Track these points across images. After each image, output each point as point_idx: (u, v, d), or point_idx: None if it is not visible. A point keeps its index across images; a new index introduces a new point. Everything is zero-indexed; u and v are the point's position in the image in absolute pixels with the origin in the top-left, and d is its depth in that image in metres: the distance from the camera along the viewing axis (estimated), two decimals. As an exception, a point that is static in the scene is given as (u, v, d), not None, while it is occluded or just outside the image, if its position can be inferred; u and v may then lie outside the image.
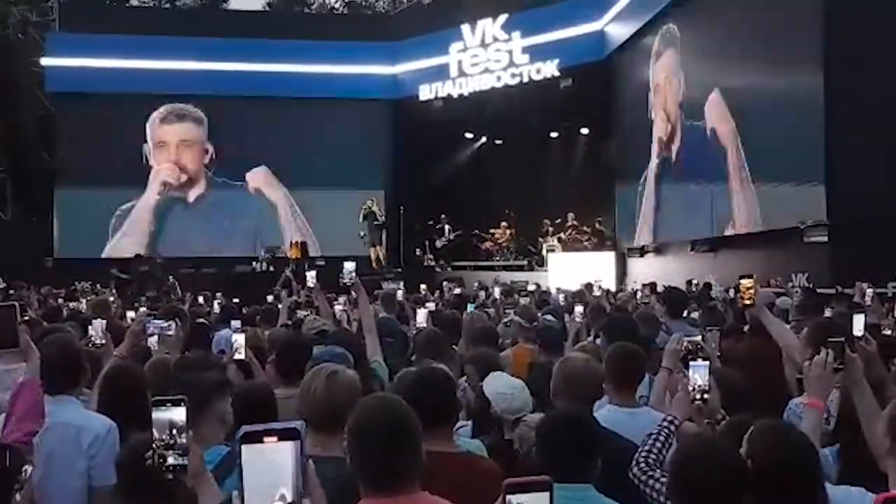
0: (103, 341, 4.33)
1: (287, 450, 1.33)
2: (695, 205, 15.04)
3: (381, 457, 2.13)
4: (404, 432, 2.19)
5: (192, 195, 22.24)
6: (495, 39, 20.76)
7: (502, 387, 3.57)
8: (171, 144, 22.18)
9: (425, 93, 21.77)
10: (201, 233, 20.99)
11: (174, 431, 1.99)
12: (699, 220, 14.84)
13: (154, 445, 2.00)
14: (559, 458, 2.59)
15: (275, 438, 1.32)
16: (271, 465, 1.32)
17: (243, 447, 1.32)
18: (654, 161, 17.09)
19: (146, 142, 21.96)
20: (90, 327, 4.44)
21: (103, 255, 20.71)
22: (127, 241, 21.21)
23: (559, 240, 19.37)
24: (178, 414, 2.01)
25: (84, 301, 9.54)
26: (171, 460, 1.99)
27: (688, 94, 15.53)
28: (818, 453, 2.34)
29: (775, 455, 2.25)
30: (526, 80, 20.14)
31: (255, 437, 1.32)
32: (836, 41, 10.83)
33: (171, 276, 13.82)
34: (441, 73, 21.63)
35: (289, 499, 1.30)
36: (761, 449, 2.28)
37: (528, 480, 1.51)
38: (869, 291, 7.02)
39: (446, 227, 20.51)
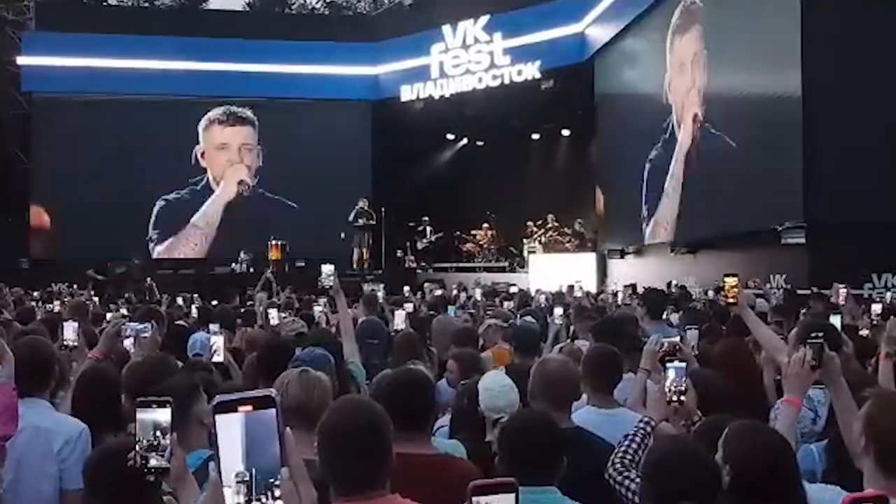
0: (76, 343, 4.28)
1: (262, 418, 1.28)
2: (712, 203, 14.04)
3: (351, 460, 2.11)
4: (375, 435, 2.18)
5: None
6: (476, 41, 20.80)
7: (490, 383, 3.56)
8: (234, 147, 22.25)
9: (407, 94, 21.77)
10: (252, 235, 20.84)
11: (158, 433, 1.96)
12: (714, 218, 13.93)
13: (137, 447, 1.97)
14: (521, 461, 2.60)
15: (249, 407, 1.27)
16: (245, 433, 1.27)
17: (217, 417, 1.26)
18: (682, 148, 15.57)
19: (198, 143, 22.00)
20: (62, 328, 4.38)
21: (163, 246, 21.28)
22: (199, 234, 21.59)
23: (540, 241, 19.42)
24: (164, 415, 1.97)
25: (58, 303, 9.41)
26: (153, 462, 1.96)
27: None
28: (794, 452, 2.35)
29: (752, 457, 2.26)
30: (507, 81, 20.19)
31: (230, 407, 1.27)
32: (814, 44, 10.92)
33: (149, 278, 13.70)
34: (422, 74, 21.63)
35: (245, 477, 1.27)
36: (738, 451, 2.28)
37: (493, 482, 1.50)
38: (843, 292, 7.08)
39: (427, 228, 20.50)
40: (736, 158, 12.82)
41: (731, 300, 4.12)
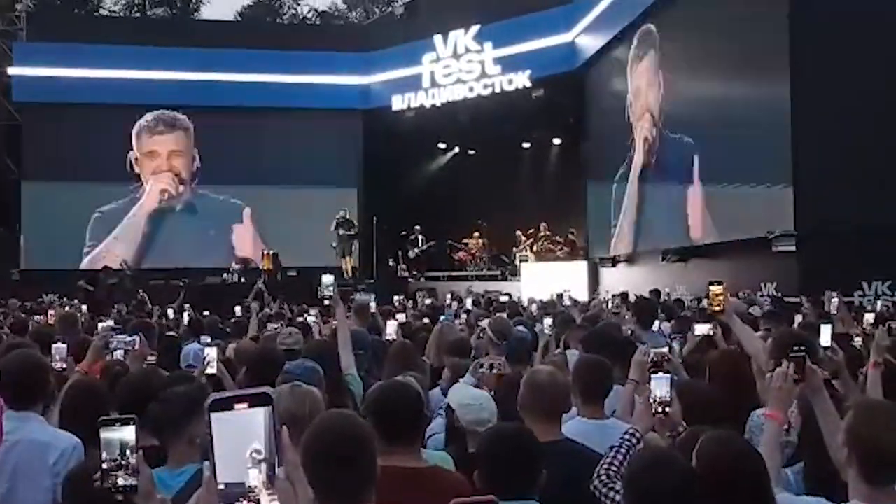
0: (64, 365, 4.29)
1: (259, 416, 1.28)
2: (672, 214, 14.89)
3: (334, 472, 2.12)
4: (357, 447, 2.18)
5: (180, 204, 22.21)
6: (467, 50, 20.89)
7: (467, 398, 3.56)
8: (163, 154, 22.10)
9: (398, 103, 21.83)
10: (188, 243, 20.78)
11: (126, 452, 1.96)
12: (675, 230, 14.74)
13: (103, 466, 1.96)
14: (499, 475, 2.60)
15: (245, 405, 1.27)
16: (243, 432, 1.27)
17: (212, 416, 1.27)
18: (636, 168, 16.67)
19: (131, 149, 21.85)
20: (53, 348, 4.40)
21: (87, 259, 20.77)
22: (120, 246, 21.21)
23: (531, 250, 19.46)
24: (129, 433, 1.96)
25: (52, 312, 9.37)
26: (120, 481, 1.95)
27: (665, 106, 15.50)
28: (763, 461, 2.37)
29: (719, 464, 2.29)
30: (498, 90, 20.28)
31: (225, 405, 1.27)
32: (803, 52, 10.99)
33: (140, 290, 13.65)
34: (414, 83, 21.70)
35: (263, 455, 1.27)
36: (706, 460, 2.32)
37: (474, 500, 1.51)
38: (835, 300, 7.10)
39: (419, 237, 20.51)
40: (726, 168, 12.89)
41: (716, 308, 4.12)
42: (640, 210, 16.37)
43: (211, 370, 4.63)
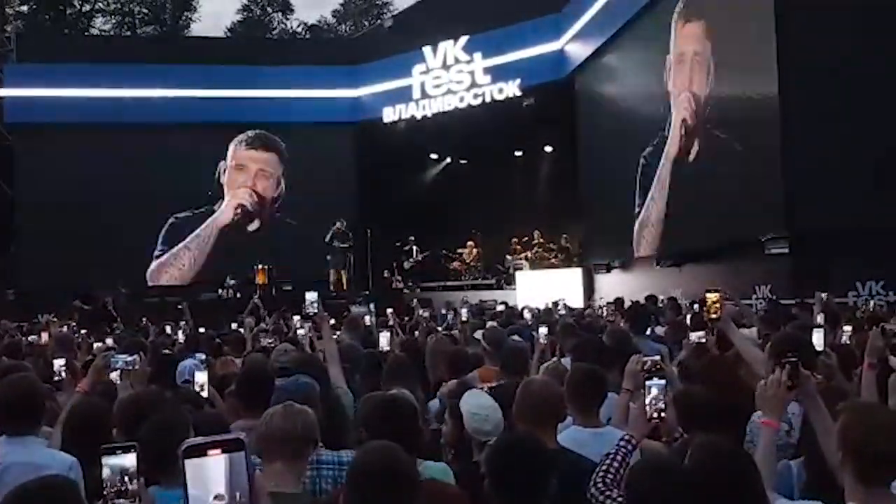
0: (62, 377, 4.30)
1: (232, 461, 1.30)
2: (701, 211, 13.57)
3: None
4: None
5: (256, 224, 22.20)
6: (457, 61, 20.96)
7: (476, 406, 3.57)
8: (251, 170, 22.20)
9: (389, 115, 21.88)
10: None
11: (126, 478, 1.96)
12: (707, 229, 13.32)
13: (105, 493, 1.97)
14: (509, 484, 2.61)
15: (218, 451, 1.29)
16: (217, 477, 1.29)
17: (186, 462, 1.28)
18: (669, 153, 14.92)
19: (224, 160, 22.00)
20: (55, 363, 4.42)
21: (155, 263, 20.95)
22: (188, 255, 21.48)
23: (526, 258, 19.48)
24: (130, 461, 1.97)
25: (45, 334, 9.34)
26: None
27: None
28: (756, 467, 2.38)
29: (710, 472, 2.30)
30: (488, 100, 20.33)
31: (199, 451, 1.29)
32: (790, 53, 11.02)
33: (144, 318, 13.57)
34: (404, 95, 21.76)
35: (225, 500, 1.28)
36: (696, 465, 2.34)
37: None
38: (822, 298, 7.14)
39: (414, 247, 20.52)
40: (718, 170, 12.90)
41: (713, 315, 4.15)
42: (669, 204, 14.92)
43: (203, 394, 4.63)
